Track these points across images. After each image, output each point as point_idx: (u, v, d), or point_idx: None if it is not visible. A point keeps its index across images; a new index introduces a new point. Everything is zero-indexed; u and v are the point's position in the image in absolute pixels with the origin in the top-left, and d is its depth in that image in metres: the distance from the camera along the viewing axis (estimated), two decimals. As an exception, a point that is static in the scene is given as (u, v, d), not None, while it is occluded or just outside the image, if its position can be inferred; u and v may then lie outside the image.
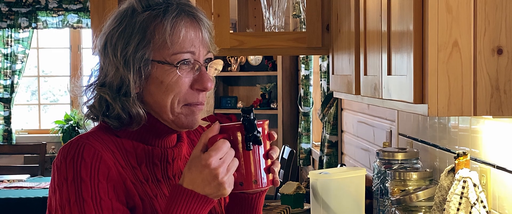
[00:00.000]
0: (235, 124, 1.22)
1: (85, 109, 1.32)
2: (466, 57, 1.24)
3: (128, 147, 1.29)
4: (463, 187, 1.54)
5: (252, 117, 1.21)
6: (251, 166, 1.22)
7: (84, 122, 1.33)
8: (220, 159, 1.18)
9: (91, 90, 1.31)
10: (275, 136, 1.26)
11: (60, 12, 6.20)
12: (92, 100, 1.31)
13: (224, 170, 1.18)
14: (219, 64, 1.33)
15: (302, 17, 4.15)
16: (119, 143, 1.28)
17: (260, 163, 1.23)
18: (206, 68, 1.30)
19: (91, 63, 1.36)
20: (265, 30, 2.51)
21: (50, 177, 1.32)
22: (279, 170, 1.29)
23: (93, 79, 1.32)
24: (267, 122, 1.25)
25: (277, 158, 1.27)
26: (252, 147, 1.21)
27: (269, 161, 1.24)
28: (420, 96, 1.28)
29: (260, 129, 1.22)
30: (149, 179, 1.29)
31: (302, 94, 4.90)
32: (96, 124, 1.33)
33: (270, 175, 1.24)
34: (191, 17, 1.28)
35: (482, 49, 1.23)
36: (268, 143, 1.25)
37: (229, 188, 1.19)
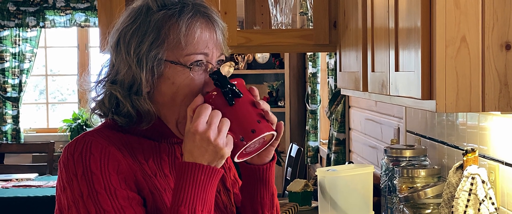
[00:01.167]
0: (212, 90, 1.23)
1: (93, 104, 1.32)
2: (474, 53, 1.23)
3: (134, 143, 1.28)
4: (472, 184, 1.54)
5: (221, 75, 1.22)
6: (242, 118, 1.22)
7: (90, 116, 1.33)
8: (206, 123, 1.18)
9: (101, 86, 1.31)
10: (256, 89, 1.27)
11: (68, 11, 6.22)
12: (102, 96, 1.30)
13: (214, 131, 1.18)
14: (231, 66, 1.34)
15: (309, 14, 4.15)
16: (124, 139, 1.28)
17: (250, 113, 1.23)
18: (219, 70, 1.30)
19: (98, 61, 1.36)
20: (272, 27, 2.50)
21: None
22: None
23: (103, 75, 1.32)
24: (241, 79, 1.26)
25: (270, 112, 1.26)
26: (234, 101, 1.22)
27: (258, 109, 1.24)
28: (428, 92, 1.28)
29: (234, 83, 1.23)
30: (157, 174, 1.29)
31: (309, 92, 4.90)
32: (102, 120, 1.33)
33: (268, 123, 1.24)
34: (206, 18, 1.28)
35: (490, 44, 1.23)
36: (250, 94, 1.25)
37: (226, 148, 1.19)
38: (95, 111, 1.32)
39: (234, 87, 1.22)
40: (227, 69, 1.34)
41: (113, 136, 1.27)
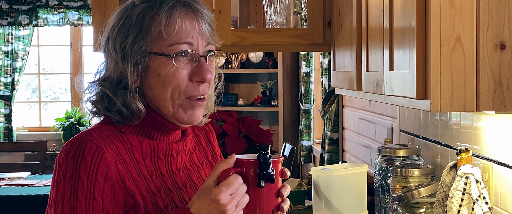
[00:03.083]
0: (250, 159, 1.21)
1: (90, 105, 1.33)
2: (469, 52, 1.23)
3: (133, 141, 1.29)
4: (466, 183, 1.54)
5: (267, 155, 1.20)
6: (261, 203, 1.22)
7: (89, 118, 1.34)
8: (230, 195, 1.18)
9: (94, 86, 1.32)
10: (288, 173, 1.25)
11: (61, 10, 6.20)
12: (95, 96, 1.31)
13: (232, 207, 1.18)
14: (224, 56, 1.33)
15: (303, 14, 4.15)
16: (124, 138, 1.28)
17: (271, 201, 1.22)
18: (206, 59, 1.29)
19: (92, 60, 1.37)
20: (267, 26, 2.50)
21: (50, 174, 1.33)
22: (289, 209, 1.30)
23: (98, 76, 1.33)
24: (281, 159, 1.24)
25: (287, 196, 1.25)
26: (264, 185, 1.20)
27: (279, 199, 1.24)
28: (423, 91, 1.28)
29: (272, 165, 1.21)
30: (153, 174, 1.29)
31: (303, 91, 4.90)
32: (101, 119, 1.34)
33: (279, 213, 1.24)
34: (187, 8, 1.28)
35: (485, 44, 1.23)
36: (280, 180, 1.24)
37: None
38: (92, 112, 1.33)
39: (272, 173, 1.20)
40: (221, 59, 1.33)
41: (112, 135, 1.28)
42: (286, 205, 1.25)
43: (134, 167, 1.27)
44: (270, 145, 1.22)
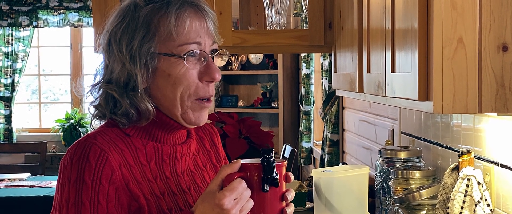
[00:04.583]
0: (254, 164, 1.21)
1: (92, 109, 1.32)
2: (471, 54, 1.23)
3: (137, 144, 1.29)
4: (467, 185, 1.54)
5: (271, 159, 1.20)
6: (265, 208, 1.21)
7: (91, 122, 1.33)
8: (234, 199, 1.17)
9: (97, 89, 1.31)
10: (292, 177, 1.24)
11: (61, 11, 6.20)
12: (98, 99, 1.30)
13: (236, 211, 1.18)
14: (224, 54, 1.33)
15: (303, 15, 4.14)
16: (128, 141, 1.28)
17: (275, 205, 1.22)
18: (213, 58, 1.30)
19: (92, 61, 1.37)
20: (267, 28, 2.50)
21: (50, 176, 1.32)
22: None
23: (98, 78, 1.32)
24: (285, 163, 1.24)
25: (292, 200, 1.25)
26: (268, 189, 1.20)
27: (284, 203, 1.23)
28: (425, 93, 1.27)
29: (277, 169, 1.21)
30: (157, 177, 1.29)
31: (303, 93, 4.89)
32: (102, 122, 1.33)
33: None
34: (195, 8, 1.28)
35: (487, 45, 1.22)
36: (284, 184, 1.24)
37: None
38: (95, 116, 1.32)
39: (276, 177, 1.20)
40: (221, 58, 1.33)
41: (117, 138, 1.27)
42: (290, 209, 1.24)
43: (138, 171, 1.27)
44: (273, 149, 1.22)
